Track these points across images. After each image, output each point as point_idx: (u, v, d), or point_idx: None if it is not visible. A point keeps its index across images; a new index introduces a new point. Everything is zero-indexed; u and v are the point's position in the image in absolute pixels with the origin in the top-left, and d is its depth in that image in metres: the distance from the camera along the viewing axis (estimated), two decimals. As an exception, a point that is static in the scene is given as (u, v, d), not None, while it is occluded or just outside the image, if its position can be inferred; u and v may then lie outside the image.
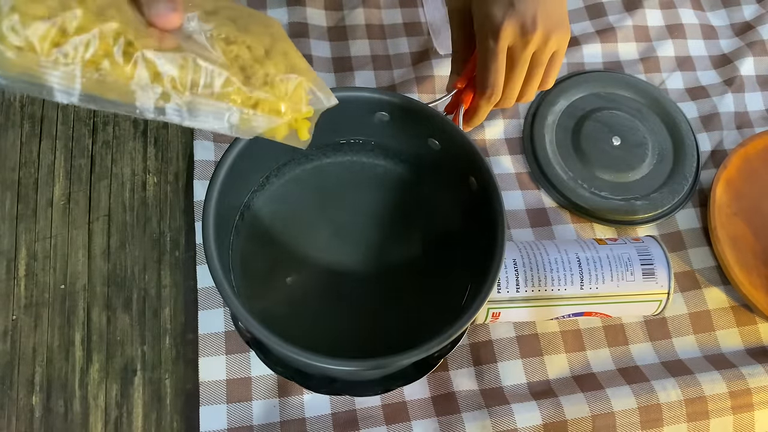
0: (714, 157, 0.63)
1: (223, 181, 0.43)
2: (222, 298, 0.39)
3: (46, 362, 0.49)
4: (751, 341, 0.55)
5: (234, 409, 0.48)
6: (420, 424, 0.48)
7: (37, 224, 0.54)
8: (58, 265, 0.52)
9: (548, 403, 0.49)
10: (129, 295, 0.52)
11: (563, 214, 0.59)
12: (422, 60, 0.64)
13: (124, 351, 0.50)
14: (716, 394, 0.50)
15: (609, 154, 0.61)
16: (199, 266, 0.53)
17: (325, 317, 0.46)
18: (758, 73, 0.68)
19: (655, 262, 0.50)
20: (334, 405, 0.49)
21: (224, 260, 0.44)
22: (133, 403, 0.48)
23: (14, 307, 0.51)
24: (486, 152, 0.61)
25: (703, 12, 0.72)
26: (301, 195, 0.50)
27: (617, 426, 0.49)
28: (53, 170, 0.56)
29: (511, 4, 0.43)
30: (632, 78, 0.65)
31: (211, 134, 0.57)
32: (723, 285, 0.57)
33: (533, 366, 0.52)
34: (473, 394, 0.50)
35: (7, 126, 0.57)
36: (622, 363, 0.53)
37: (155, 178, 0.56)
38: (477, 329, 0.52)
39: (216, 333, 0.50)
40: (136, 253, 0.53)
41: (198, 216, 0.54)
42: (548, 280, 0.49)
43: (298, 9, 0.65)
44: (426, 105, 0.47)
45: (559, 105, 0.63)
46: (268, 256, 0.47)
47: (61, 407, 0.48)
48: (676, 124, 0.63)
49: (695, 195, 0.61)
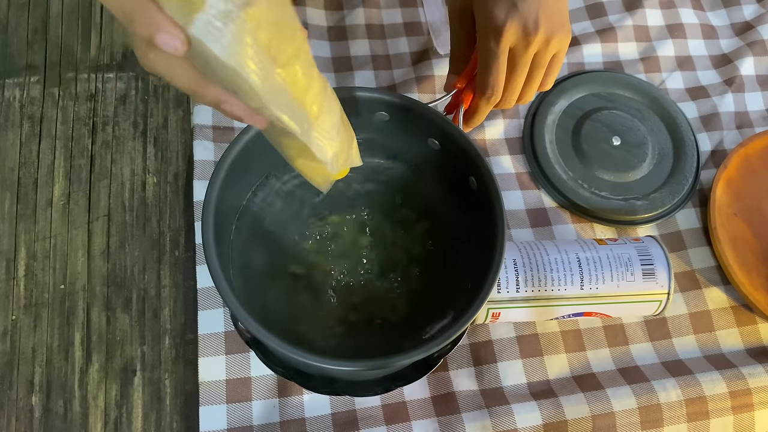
0: (714, 157, 0.63)
1: (223, 181, 0.43)
2: (222, 298, 0.39)
3: (46, 362, 0.49)
4: (751, 341, 0.55)
5: (234, 409, 0.48)
6: (420, 424, 0.48)
7: (36, 224, 0.54)
8: (57, 265, 0.52)
9: (548, 403, 0.49)
10: (129, 295, 0.52)
11: (563, 214, 0.59)
12: (422, 60, 0.64)
13: (123, 351, 0.50)
14: (716, 394, 0.50)
15: (609, 154, 0.61)
16: (198, 266, 0.53)
17: (325, 317, 0.46)
18: (758, 72, 0.68)
19: (655, 262, 0.50)
20: (334, 405, 0.49)
21: (224, 260, 0.44)
22: (133, 403, 0.48)
23: (14, 307, 0.51)
24: (486, 152, 0.60)
25: (703, 12, 0.72)
26: (301, 195, 0.50)
27: (617, 426, 0.49)
28: (53, 170, 0.56)
29: (513, 4, 0.43)
30: (632, 78, 0.65)
31: (211, 134, 0.57)
32: (723, 285, 0.57)
33: (533, 366, 0.52)
34: (473, 394, 0.50)
35: (6, 126, 0.57)
36: (622, 363, 0.53)
37: (155, 178, 0.56)
38: (477, 329, 0.52)
39: (216, 333, 0.50)
40: (136, 253, 0.53)
41: (198, 216, 0.54)
42: (548, 280, 0.49)
43: (298, 9, 0.65)
44: (426, 105, 0.47)
45: (559, 105, 0.63)
46: (267, 256, 0.47)
47: (61, 407, 0.48)
48: (676, 124, 0.63)
49: (695, 195, 0.61)
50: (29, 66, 0.60)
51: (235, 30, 0.27)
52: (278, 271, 0.47)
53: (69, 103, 0.59)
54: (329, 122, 0.35)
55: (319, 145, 0.35)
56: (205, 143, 0.57)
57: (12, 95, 0.58)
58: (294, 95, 0.32)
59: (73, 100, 0.59)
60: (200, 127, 0.57)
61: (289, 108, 0.32)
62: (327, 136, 0.35)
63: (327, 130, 0.35)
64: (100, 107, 0.59)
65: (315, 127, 0.34)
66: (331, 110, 0.35)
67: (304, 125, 0.33)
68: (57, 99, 0.59)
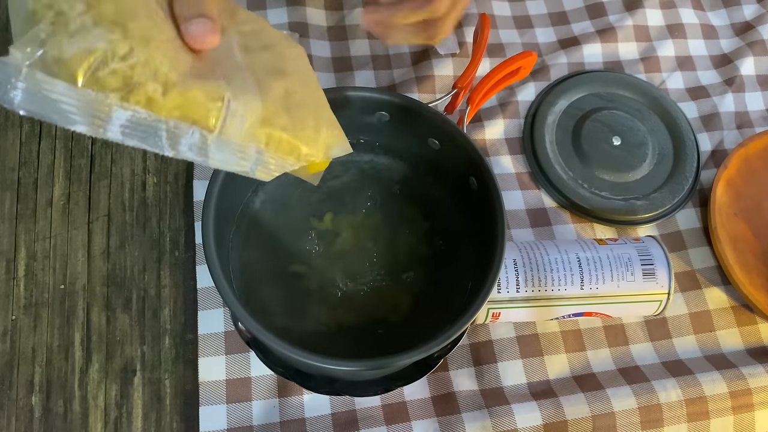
0: (714, 157, 0.63)
1: (223, 181, 0.43)
2: (222, 298, 0.39)
3: (46, 362, 0.49)
4: (752, 341, 0.55)
5: (234, 409, 0.48)
6: (420, 425, 0.48)
7: (36, 224, 0.54)
8: (57, 265, 0.52)
9: (548, 404, 0.49)
10: (128, 296, 0.52)
11: (563, 214, 0.59)
12: (422, 60, 0.64)
13: (123, 351, 0.50)
14: (716, 394, 0.50)
15: (609, 154, 0.61)
16: (198, 266, 0.53)
17: (325, 317, 0.46)
18: (758, 72, 0.68)
19: (655, 262, 0.50)
20: (334, 405, 0.49)
21: (224, 260, 0.44)
22: (133, 403, 0.48)
23: (14, 307, 0.51)
24: (486, 152, 0.60)
25: (703, 12, 0.72)
26: (301, 195, 0.50)
27: (617, 426, 0.49)
28: (53, 170, 0.56)
29: None
30: (632, 78, 0.65)
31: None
32: (723, 285, 0.57)
33: (533, 366, 0.52)
34: (473, 394, 0.50)
35: (6, 126, 0.57)
36: (623, 363, 0.53)
37: (155, 178, 0.56)
38: (477, 329, 0.52)
39: (216, 333, 0.50)
40: (136, 253, 0.53)
41: (198, 216, 0.54)
42: (548, 280, 0.49)
43: (298, 9, 0.65)
44: (426, 105, 0.47)
45: (559, 105, 0.63)
46: (268, 256, 0.47)
47: (61, 407, 0.48)
48: (677, 124, 0.63)
49: (695, 195, 0.61)
50: (29, 66, 0.60)
51: None
52: (278, 271, 0.47)
53: (69, 103, 0.59)
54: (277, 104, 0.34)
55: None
56: (205, 143, 0.57)
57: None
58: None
59: (73, 100, 0.59)
60: (200, 127, 0.57)
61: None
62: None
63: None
64: (100, 107, 0.59)
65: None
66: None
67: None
68: (57, 99, 0.59)
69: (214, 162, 0.31)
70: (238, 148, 0.31)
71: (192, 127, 0.29)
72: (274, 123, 0.33)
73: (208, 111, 0.30)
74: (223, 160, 0.31)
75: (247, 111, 0.31)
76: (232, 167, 0.32)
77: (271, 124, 0.33)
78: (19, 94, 0.25)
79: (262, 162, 0.33)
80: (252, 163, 0.32)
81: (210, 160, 0.31)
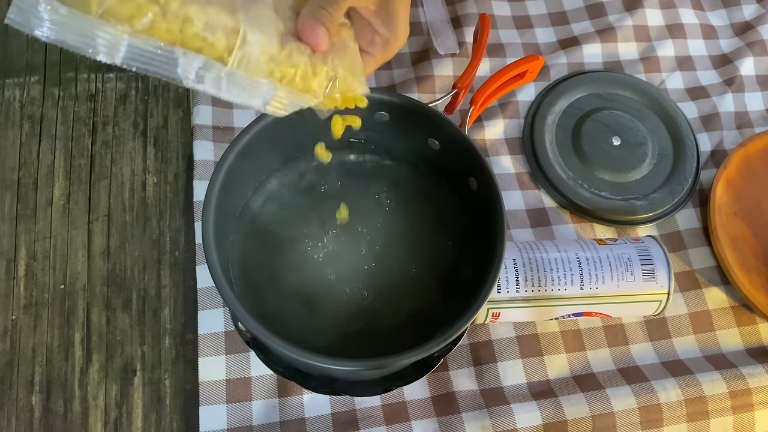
0: (714, 157, 0.63)
1: (223, 181, 0.43)
2: (222, 298, 0.39)
3: (46, 362, 0.49)
4: (751, 341, 0.55)
5: (234, 409, 0.48)
6: (420, 424, 0.48)
7: (36, 224, 0.54)
8: (57, 265, 0.52)
9: (548, 403, 0.49)
10: (129, 295, 0.52)
11: (563, 214, 0.59)
12: (422, 60, 0.64)
13: (123, 351, 0.50)
14: (716, 394, 0.50)
15: (609, 154, 0.61)
16: (198, 266, 0.53)
17: (325, 317, 0.46)
18: (758, 72, 0.68)
19: (655, 262, 0.50)
20: (334, 405, 0.49)
21: (224, 260, 0.44)
22: (133, 403, 0.48)
23: (14, 307, 0.51)
24: (486, 152, 0.60)
25: (703, 12, 0.72)
26: (301, 195, 0.50)
27: (617, 426, 0.49)
28: (53, 170, 0.56)
29: None
30: (632, 78, 0.65)
31: (211, 134, 0.57)
32: (723, 285, 0.57)
33: (533, 366, 0.52)
34: (473, 394, 0.50)
35: (6, 126, 0.57)
36: (622, 363, 0.53)
37: (155, 178, 0.56)
38: (477, 329, 0.52)
39: (216, 333, 0.50)
40: (136, 253, 0.53)
41: (198, 216, 0.54)
42: (548, 280, 0.49)
43: (298, 9, 0.65)
44: (426, 105, 0.47)
45: (559, 105, 0.63)
46: (267, 256, 0.47)
47: (61, 407, 0.48)
48: (676, 124, 0.63)
49: (695, 195, 0.61)
50: (29, 66, 0.60)
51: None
52: (278, 271, 0.47)
53: (69, 103, 0.59)
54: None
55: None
56: (205, 143, 0.57)
57: (12, 95, 0.58)
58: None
59: (73, 100, 0.59)
60: (200, 127, 0.57)
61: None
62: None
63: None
64: (100, 107, 0.59)
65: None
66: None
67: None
68: (57, 99, 0.59)
69: (226, 94, 0.32)
70: (251, 82, 0.32)
71: (205, 58, 0.31)
72: (288, 60, 0.33)
73: (225, 41, 0.31)
74: (236, 93, 0.32)
75: (263, 45, 0.32)
76: (244, 100, 0.33)
77: (284, 61, 0.33)
78: (41, 22, 0.27)
79: (275, 97, 0.34)
80: (264, 96, 0.33)
81: (222, 93, 0.32)
